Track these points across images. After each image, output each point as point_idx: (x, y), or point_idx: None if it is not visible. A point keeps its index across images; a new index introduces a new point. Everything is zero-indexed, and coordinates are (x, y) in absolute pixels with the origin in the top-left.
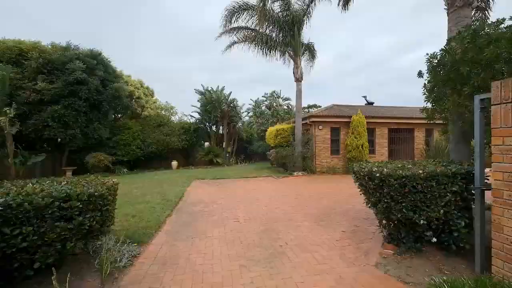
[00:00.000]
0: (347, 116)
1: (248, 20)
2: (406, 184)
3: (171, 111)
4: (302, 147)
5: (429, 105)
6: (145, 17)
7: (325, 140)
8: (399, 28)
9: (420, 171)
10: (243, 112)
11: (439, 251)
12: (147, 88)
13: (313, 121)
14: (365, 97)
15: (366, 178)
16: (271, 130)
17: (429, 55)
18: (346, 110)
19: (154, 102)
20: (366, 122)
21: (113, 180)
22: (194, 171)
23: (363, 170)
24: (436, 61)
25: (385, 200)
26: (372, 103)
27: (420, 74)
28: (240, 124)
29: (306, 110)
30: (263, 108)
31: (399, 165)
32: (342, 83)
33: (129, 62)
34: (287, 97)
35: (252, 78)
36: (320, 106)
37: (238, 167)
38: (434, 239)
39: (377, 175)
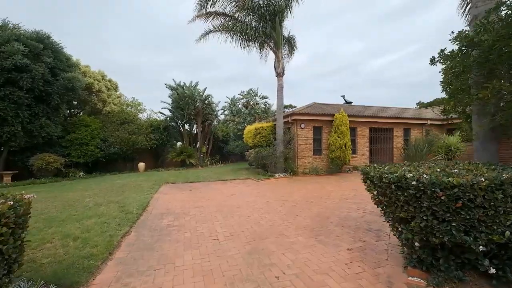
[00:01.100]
0: (330, 115)
1: (225, 7)
2: (459, 196)
3: (139, 108)
4: (284, 147)
5: (443, 97)
6: (120, 12)
7: (307, 140)
8: (367, 35)
9: (482, 179)
10: (218, 110)
11: (485, 279)
12: (110, 81)
13: (295, 119)
14: (343, 96)
15: (393, 187)
16: (250, 128)
17: (456, 33)
18: (327, 109)
19: (118, 97)
20: (348, 121)
21: (25, 196)
22: (164, 174)
23: (387, 175)
24: (467, 41)
25: (424, 218)
26: (350, 103)
27: (432, 61)
28: (215, 123)
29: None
30: (240, 106)
31: (438, 169)
32: (314, 85)
33: (103, 59)
34: (265, 95)
35: (228, 77)
36: (295, 106)
37: (214, 169)
38: (493, 270)
39: (413, 183)
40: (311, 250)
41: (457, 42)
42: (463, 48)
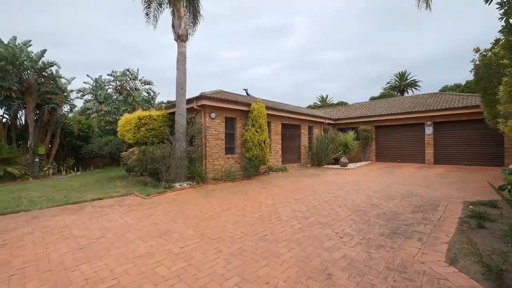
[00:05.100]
0: (245, 104)
1: None
2: None
3: None
4: (187, 144)
5: None
6: None
7: (218, 134)
8: (242, 46)
9: None
10: (72, 91)
11: None
12: None
13: (202, 105)
14: (246, 90)
15: None
16: (128, 118)
17: None
18: (240, 98)
19: None
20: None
21: None
22: None
23: None
24: None
25: None
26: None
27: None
28: (66, 110)
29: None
30: (110, 90)
31: None
32: (195, 84)
33: None
34: (148, 80)
35: (89, 62)
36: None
37: (63, 181)
38: None
39: None
40: None
41: None
42: None
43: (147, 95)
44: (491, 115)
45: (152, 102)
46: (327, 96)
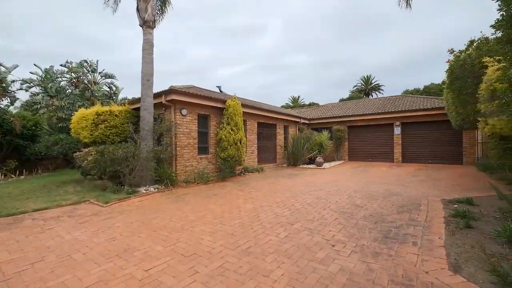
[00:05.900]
0: (220, 100)
1: None
2: None
3: None
4: (155, 143)
5: None
6: None
7: (190, 133)
8: (213, 45)
9: None
10: (13, 82)
11: None
12: None
13: (172, 101)
14: (219, 87)
15: None
16: (84, 114)
17: None
18: (214, 94)
19: None
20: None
21: None
22: None
23: None
24: None
25: None
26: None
27: None
28: (6, 103)
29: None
30: (64, 83)
31: None
32: (162, 82)
33: None
34: (110, 73)
35: (46, 56)
36: None
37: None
38: None
39: None
40: None
41: None
42: None
43: (108, 89)
44: (463, 115)
45: (114, 98)
46: (298, 97)
